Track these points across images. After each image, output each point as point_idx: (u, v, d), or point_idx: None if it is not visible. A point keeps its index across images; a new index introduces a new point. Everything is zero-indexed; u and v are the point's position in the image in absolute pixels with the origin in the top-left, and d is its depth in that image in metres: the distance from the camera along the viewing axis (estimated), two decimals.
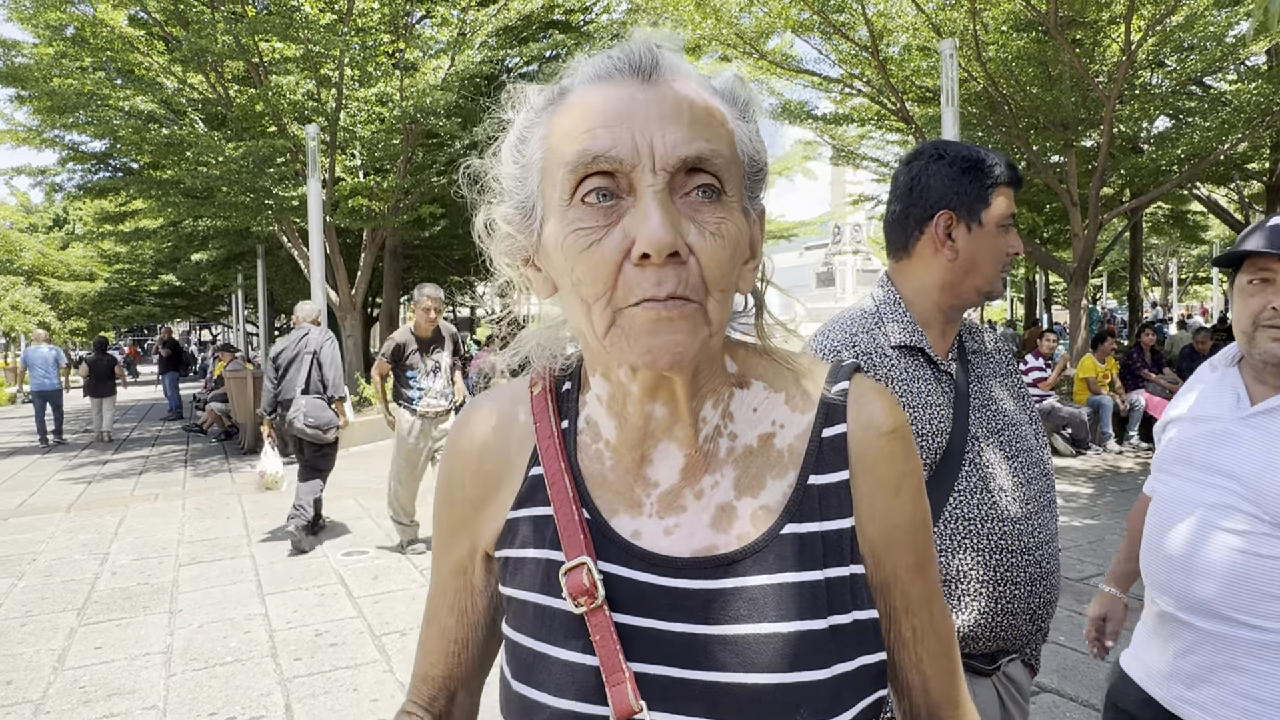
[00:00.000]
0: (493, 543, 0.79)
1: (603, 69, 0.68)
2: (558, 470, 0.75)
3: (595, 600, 0.69)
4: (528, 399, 0.80)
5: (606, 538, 0.73)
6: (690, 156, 0.64)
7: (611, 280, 0.64)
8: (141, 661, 4.08)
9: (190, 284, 27.45)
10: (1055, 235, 19.06)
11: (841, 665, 0.68)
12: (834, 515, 0.72)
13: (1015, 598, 1.42)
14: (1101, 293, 34.51)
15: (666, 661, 0.68)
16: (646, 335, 0.63)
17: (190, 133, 12.24)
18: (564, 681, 0.69)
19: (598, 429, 0.77)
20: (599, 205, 0.65)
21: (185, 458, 11.25)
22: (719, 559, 0.70)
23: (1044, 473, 1.54)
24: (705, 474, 0.73)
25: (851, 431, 0.74)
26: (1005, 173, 1.49)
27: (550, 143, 0.69)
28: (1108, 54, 10.98)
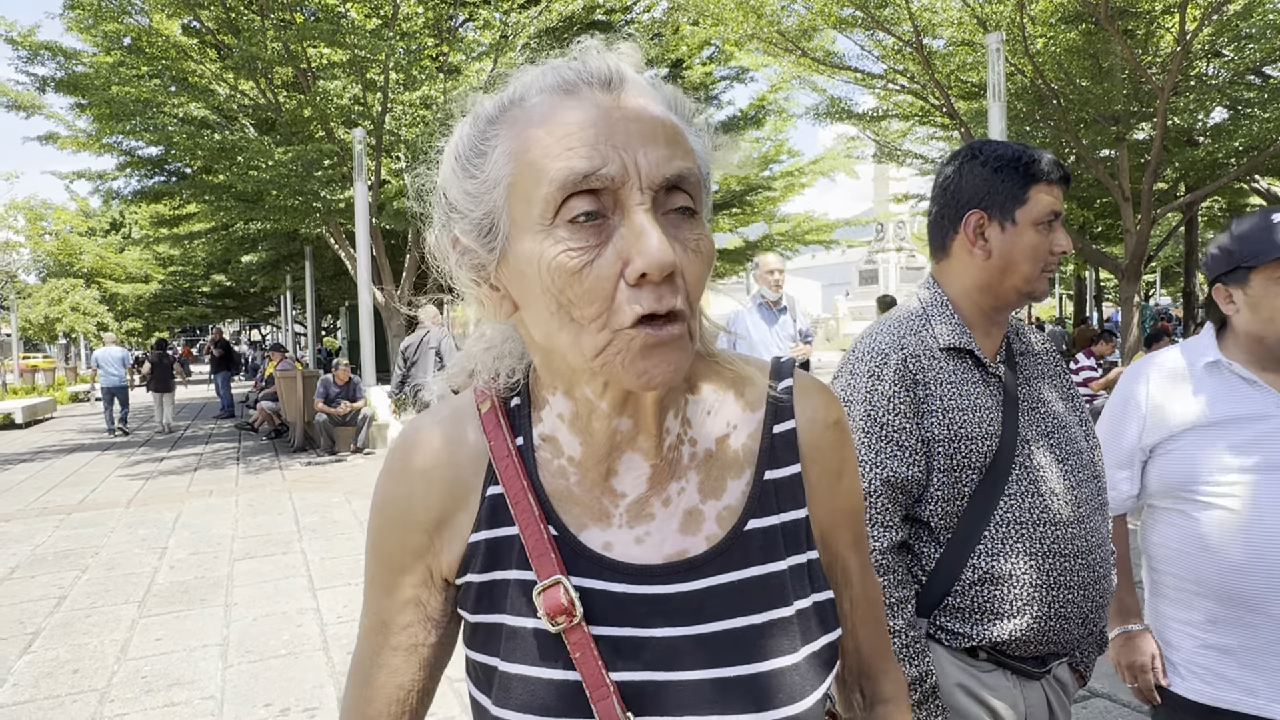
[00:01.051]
0: (454, 569, 0.76)
1: (565, 80, 0.67)
2: (520, 488, 0.73)
3: (574, 618, 0.69)
4: (474, 416, 0.77)
5: (577, 553, 0.72)
6: (672, 175, 0.64)
7: (608, 302, 0.63)
8: (200, 653, 4.21)
9: (241, 285, 28.13)
10: (1106, 231, 18.64)
11: (808, 646, 0.72)
12: (790, 506, 0.75)
13: (1067, 602, 1.41)
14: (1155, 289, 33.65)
15: (649, 667, 0.69)
16: (643, 358, 0.63)
17: (241, 138, 12.54)
18: (547, 700, 0.69)
19: (558, 445, 0.75)
20: (588, 225, 0.63)
21: (237, 455, 11.54)
22: (690, 561, 0.72)
23: (1095, 475, 1.52)
24: (671, 481, 0.74)
25: (800, 426, 0.77)
26: (1046, 169, 1.46)
27: (520, 157, 0.66)
28: (1161, 45, 10.71)
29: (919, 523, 1.45)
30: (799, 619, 0.72)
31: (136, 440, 13.82)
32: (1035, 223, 1.46)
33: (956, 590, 1.40)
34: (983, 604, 1.39)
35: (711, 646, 0.70)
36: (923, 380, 1.44)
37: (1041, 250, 1.47)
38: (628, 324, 0.63)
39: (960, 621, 1.40)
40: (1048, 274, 1.50)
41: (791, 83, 15.55)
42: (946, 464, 1.41)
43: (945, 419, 1.42)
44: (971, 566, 1.40)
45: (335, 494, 8.31)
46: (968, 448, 1.41)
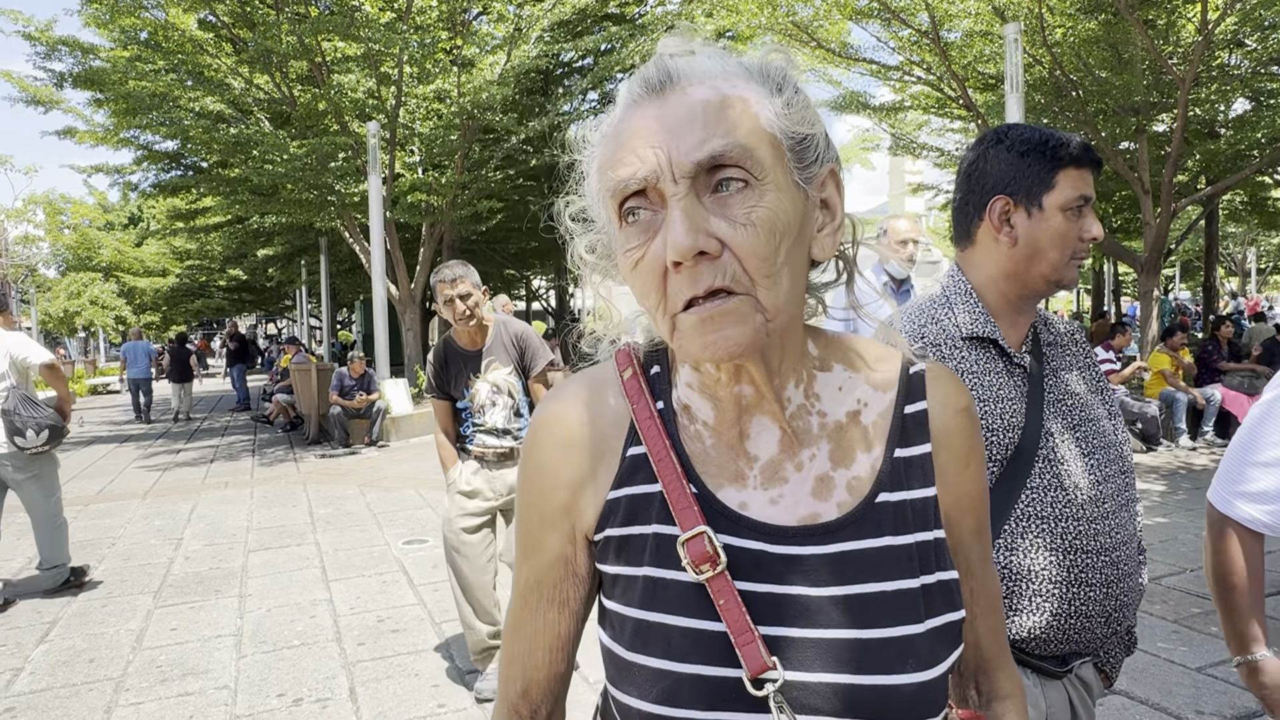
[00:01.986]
0: (593, 525, 0.80)
1: (628, 96, 0.73)
2: (662, 448, 0.78)
3: (717, 566, 0.72)
4: (616, 382, 0.83)
5: (716, 510, 0.76)
6: (703, 159, 0.67)
7: (661, 289, 0.69)
8: (214, 643, 4.23)
9: (257, 279, 28.29)
10: (1125, 224, 18.44)
11: (933, 620, 0.74)
12: (919, 485, 0.78)
13: (1090, 599, 1.37)
14: (1174, 283, 33.27)
15: (785, 623, 0.72)
16: (699, 334, 0.68)
17: (257, 132, 12.59)
18: (687, 648, 0.72)
19: (692, 411, 0.80)
20: (638, 223, 0.70)
21: (253, 448, 11.61)
22: (824, 526, 0.75)
23: (1123, 469, 1.48)
24: (802, 448, 0.78)
25: (931, 408, 0.81)
26: (1075, 153, 1.41)
27: (600, 175, 0.74)
28: (1183, 34, 10.55)
29: None
30: (924, 593, 0.74)
31: (154, 432, 13.94)
32: (1063, 208, 1.41)
33: None
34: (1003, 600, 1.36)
35: (844, 608, 0.72)
36: None
37: (1070, 237, 1.42)
38: (679, 309, 0.68)
39: None
40: (1076, 261, 1.45)
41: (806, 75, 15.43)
42: None
43: None
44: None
45: (349, 486, 8.34)
46: (989, 440, 1.38)
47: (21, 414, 4.80)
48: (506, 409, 3.60)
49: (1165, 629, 4.01)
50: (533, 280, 31.81)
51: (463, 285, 3.45)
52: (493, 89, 12.32)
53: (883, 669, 0.71)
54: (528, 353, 3.62)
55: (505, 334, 3.62)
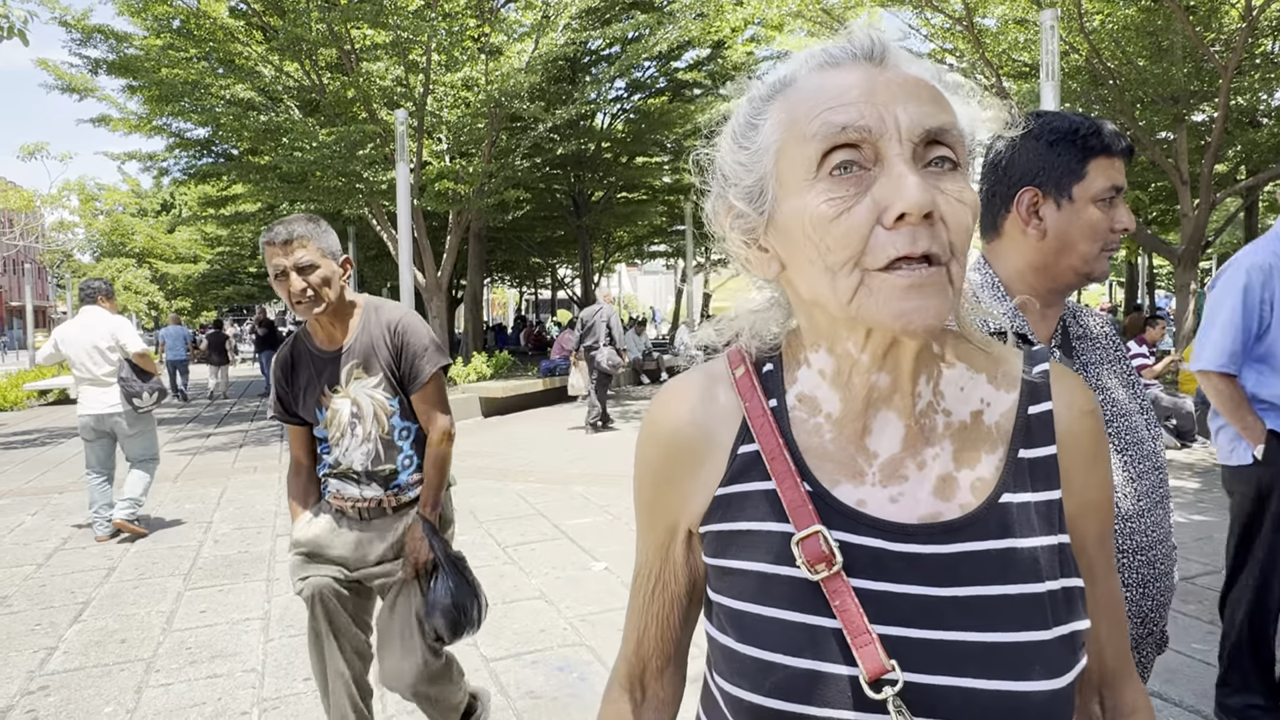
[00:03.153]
0: (698, 519, 0.81)
1: (831, 57, 0.72)
2: (775, 446, 0.77)
3: (834, 566, 0.72)
4: (727, 379, 0.83)
5: (831, 508, 0.75)
6: (933, 128, 0.67)
7: (862, 245, 0.66)
8: (242, 626, 4.29)
9: None
10: (1161, 216, 18.09)
11: (1059, 628, 0.71)
12: (1044, 487, 0.76)
13: (1126, 600, 1.35)
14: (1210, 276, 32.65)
15: (904, 623, 0.71)
16: (899, 299, 0.65)
17: (286, 119, 12.70)
18: (801, 643, 0.72)
19: (815, 403, 0.79)
20: (848, 176, 0.67)
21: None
22: (946, 525, 0.74)
23: (1156, 466, 1.44)
24: (926, 446, 0.76)
25: (1057, 410, 0.79)
26: (1107, 141, 1.37)
27: (789, 125, 0.71)
28: (1225, 21, 10.30)
29: None
30: (1049, 599, 0.72)
31: (185, 415, 14.15)
32: (1095, 199, 1.37)
33: None
34: None
35: (967, 609, 0.71)
36: None
37: (1101, 228, 1.38)
38: (881, 265, 0.65)
39: None
40: (1108, 253, 1.41)
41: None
42: None
43: None
44: None
45: None
46: None
47: (134, 383, 5.93)
48: (371, 441, 2.45)
49: (1200, 629, 3.93)
50: (558, 269, 31.89)
51: (301, 252, 2.30)
52: (520, 77, 12.32)
53: (1009, 675, 0.69)
54: (407, 354, 2.43)
55: (376, 324, 2.45)
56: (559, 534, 5.88)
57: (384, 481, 2.50)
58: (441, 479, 2.53)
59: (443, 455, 2.52)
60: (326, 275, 2.36)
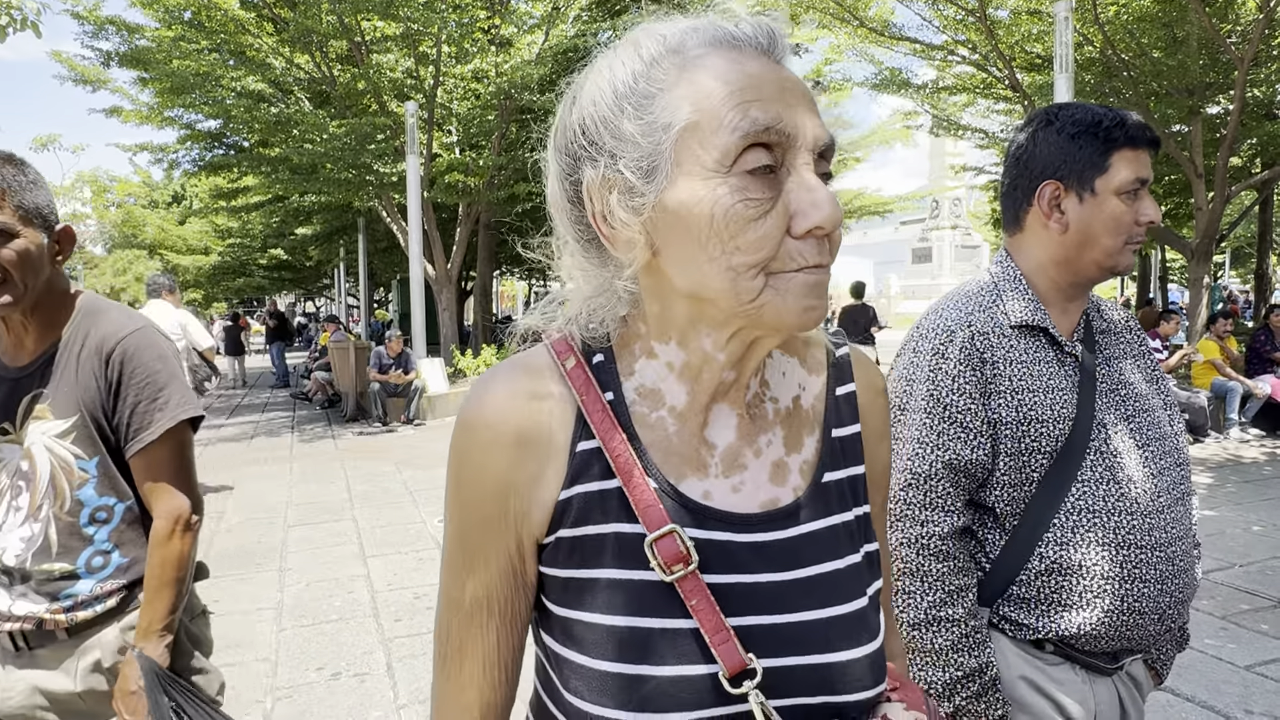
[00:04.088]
0: (543, 527, 0.74)
1: (728, 35, 0.69)
2: (618, 441, 0.73)
3: (690, 565, 0.70)
4: (557, 372, 0.76)
5: (680, 504, 0.73)
6: (827, 141, 0.68)
7: (774, 251, 0.66)
8: (255, 616, 4.32)
9: (296, 257, 28.67)
10: (1175, 209, 17.94)
11: (870, 589, 0.78)
12: (853, 463, 0.81)
13: (1143, 596, 1.33)
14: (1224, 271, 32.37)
15: (757, 612, 0.72)
16: (806, 296, 0.67)
17: (297, 111, 12.72)
18: (664, 650, 0.69)
19: (659, 396, 0.76)
20: (764, 177, 0.66)
21: (291, 424, 11.80)
22: (784, 510, 0.76)
23: (1179, 462, 1.43)
24: (759, 434, 0.78)
25: (859, 390, 0.84)
26: (1131, 133, 1.35)
27: (701, 105, 0.66)
28: (1242, 12, 10.18)
29: (983, 508, 1.39)
30: (865, 566, 0.79)
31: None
32: (1118, 192, 1.35)
33: (1022, 580, 1.34)
34: (1050, 595, 1.33)
35: (809, 590, 0.74)
36: (991, 359, 1.37)
37: (1125, 221, 1.36)
38: (792, 267, 0.67)
39: (1026, 612, 1.34)
40: (1132, 247, 1.39)
41: (847, 54, 15.18)
42: (1014, 447, 1.34)
43: (1014, 400, 1.35)
44: (1039, 555, 1.33)
45: (386, 463, 8.45)
46: (1037, 431, 1.34)
47: (202, 369, 7.08)
48: (41, 520, 1.57)
49: (1213, 625, 3.91)
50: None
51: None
52: (530, 69, 12.30)
53: (846, 644, 0.73)
54: (126, 394, 1.59)
55: (86, 340, 1.60)
56: None
57: (50, 590, 1.55)
58: (175, 594, 1.57)
59: (177, 557, 1.58)
60: (25, 251, 1.51)
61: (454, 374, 13.24)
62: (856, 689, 0.73)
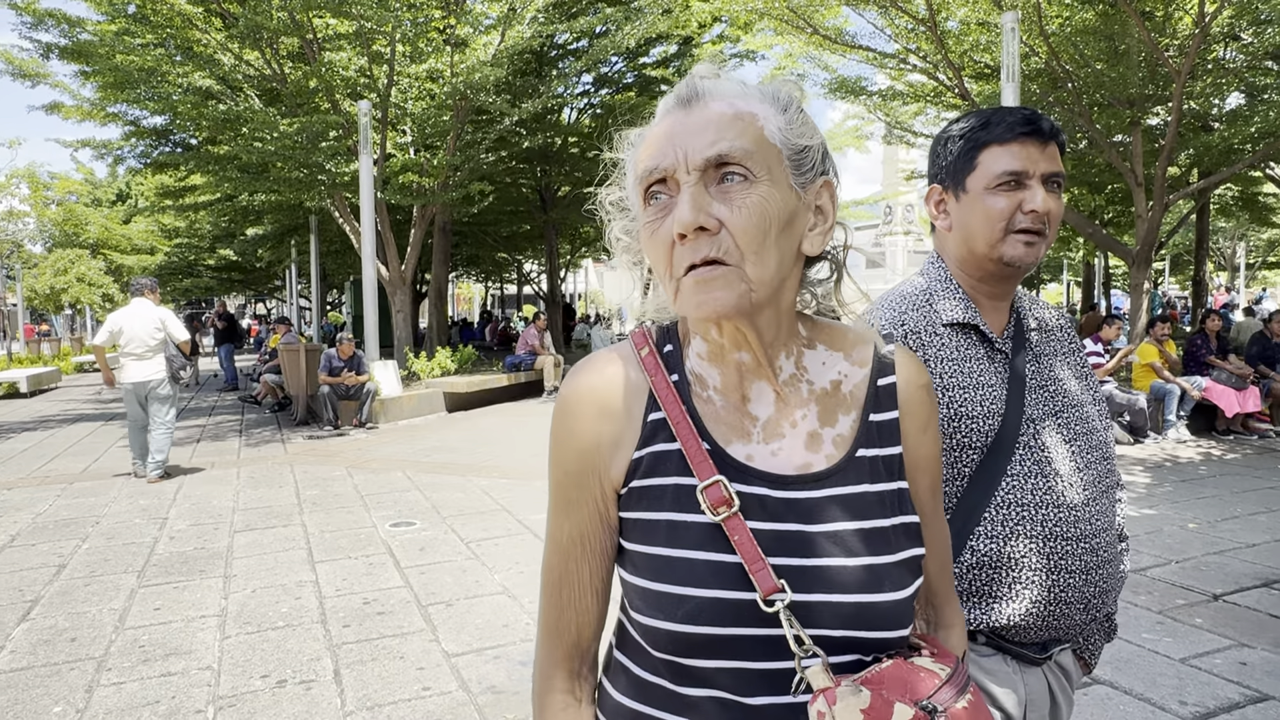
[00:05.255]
0: (621, 480, 0.93)
1: (664, 106, 0.90)
2: (679, 413, 0.92)
3: (733, 508, 0.86)
4: (634, 358, 0.97)
5: (726, 463, 0.90)
6: (713, 156, 0.83)
7: (668, 257, 0.85)
8: (198, 623, 4.21)
9: (246, 258, 28.10)
10: (1117, 216, 18.47)
11: (902, 553, 0.90)
12: (889, 444, 0.94)
13: (1070, 587, 1.37)
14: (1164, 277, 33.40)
15: (787, 554, 0.87)
16: (694, 294, 0.84)
17: (246, 109, 12.46)
18: (706, 576, 0.86)
19: (703, 379, 0.95)
20: (658, 204, 0.87)
21: (240, 428, 11.55)
22: (816, 475, 0.91)
23: (1105, 456, 1.47)
24: (795, 409, 0.94)
25: (899, 383, 0.97)
26: (997, 131, 1.40)
27: (634, 167, 0.91)
28: (1179, 27, 10.53)
29: None
30: (893, 531, 0.90)
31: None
32: (988, 186, 1.40)
33: (955, 573, 1.37)
34: (981, 587, 1.36)
35: (834, 541, 0.88)
36: (924, 357, 1.40)
37: (999, 212, 1.39)
38: (681, 274, 0.84)
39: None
40: (1020, 238, 1.40)
41: (800, 61, 15.36)
42: (946, 443, 1.37)
43: (946, 397, 1.38)
44: (971, 549, 1.36)
45: (337, 467, 8.31)
46: (968, 427, 1.37)
47: (179, 359, 7.98)
48: None
49: (1150, 620, 4.03)
50: (524, 264, 31.72)
51: None
52: (486, 70, 12.22)
53: (865, 590, 0.86)
54: None
55: None
56: (522, 529, 5.86)
57: None
58: None
59: None
60: None
61: (408, 377, 13.08)
62: (877, 628, 0.86)
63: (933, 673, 0.86)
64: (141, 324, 7.73)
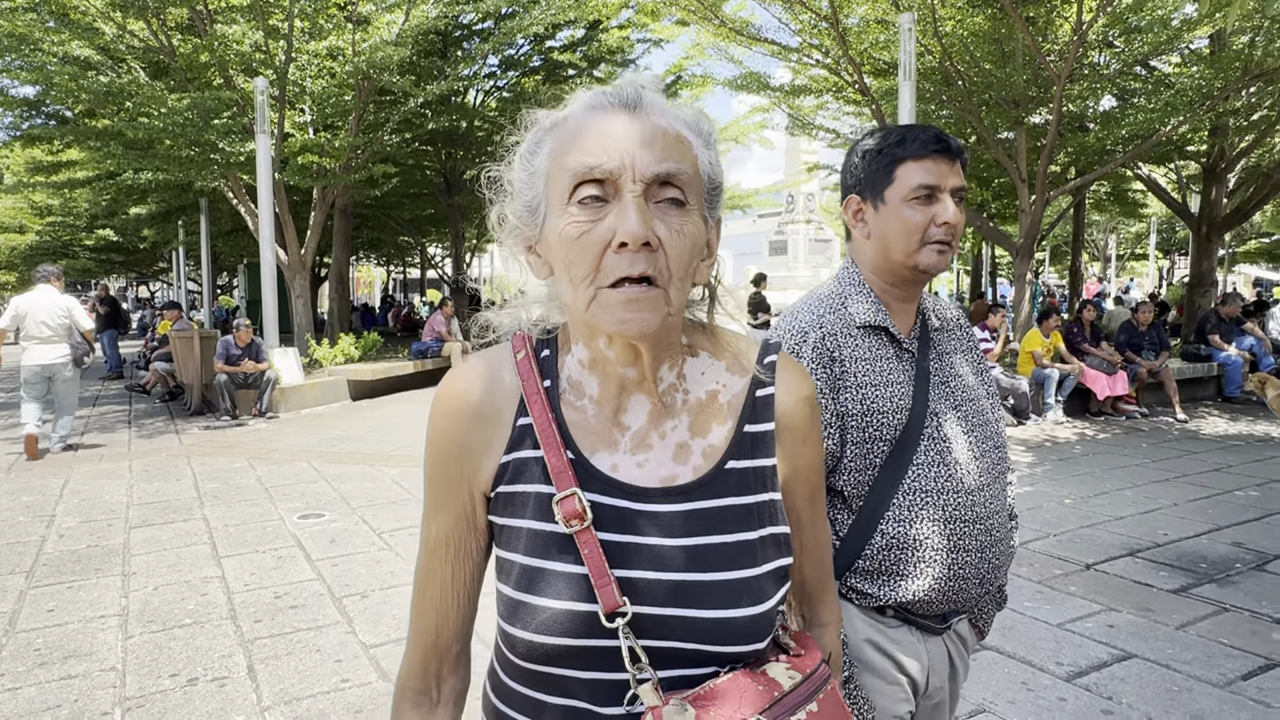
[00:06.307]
0: (489, 483, 0.93)
1: (598, 101, 0.87)
2: (545, 419, 0.91)
3: (584, 522, 0.86)
4: (510, 362, 0.96)
5: (589, 473, 0.90)
6: (661, 173, 0.82)
7: (596, 264, 0.82)
8: (97, 624, 4.06)
9: (128, 239, 26.53)
10: (1003, 210, 19.48)
11: (767, 564, 0.90)
12: (762, 455, 0.94)
13: (967, 564, 1.52)
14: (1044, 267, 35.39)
15: (642, 567, 0.87)
16: (620, 310, 0.81)
17: (131, 82, 11.78)
18: (560, 588, 0.86)
19: (580, 386, 0.94)
20: (591, 205, 0.82)
21: (128, 418, 11.00)
22: (680, 488, 0.90)
23: (998, 445, 1.63)
24: (667, 419, 0.93)
25: (778, 394, 0.96)
26: (913, 148, 1.52)
27: (555, 155, 0.86)
28: (1060, 33, 11.18)
29: (833, 491, 1.53)
30: (760, 543, 0.90)
31: (14, 401, 12.98)
32: (905, 199, 1.52)
33: (867, 554, 1.49)
34: (891, 566, 1.49)
35: (693, 555, 0.88)
36: (839, 357, 1.51)
37: (916, 224, 1.51)
38: (608, 283, 0.81)
39: (870, 583, 1.50)
40: (934, 246, 1.52)
41: (708, 51, 15.54)
42: (859, 436, 1.49)
43: (859, 394, 1.50)
44: (881, 532, 1.49)
45: (237, 459, 8.05)
46: (879, 421, 1.50)
47: (82, 346, 8.50)
48: None
49: (1031, 589, 4.36)
50: (428, 248, 31.06)
51: None
52: (389, 49, 11.91)
53: (721, 605, 0.86)
54: None
55: None
56: None
57: None
58: None
59: None
60: None
61: (309, 364, 12.70)
62: (732, 643, 0.86)
63: (775, 683, 0.86)
64: (45, 309, 8.21)
